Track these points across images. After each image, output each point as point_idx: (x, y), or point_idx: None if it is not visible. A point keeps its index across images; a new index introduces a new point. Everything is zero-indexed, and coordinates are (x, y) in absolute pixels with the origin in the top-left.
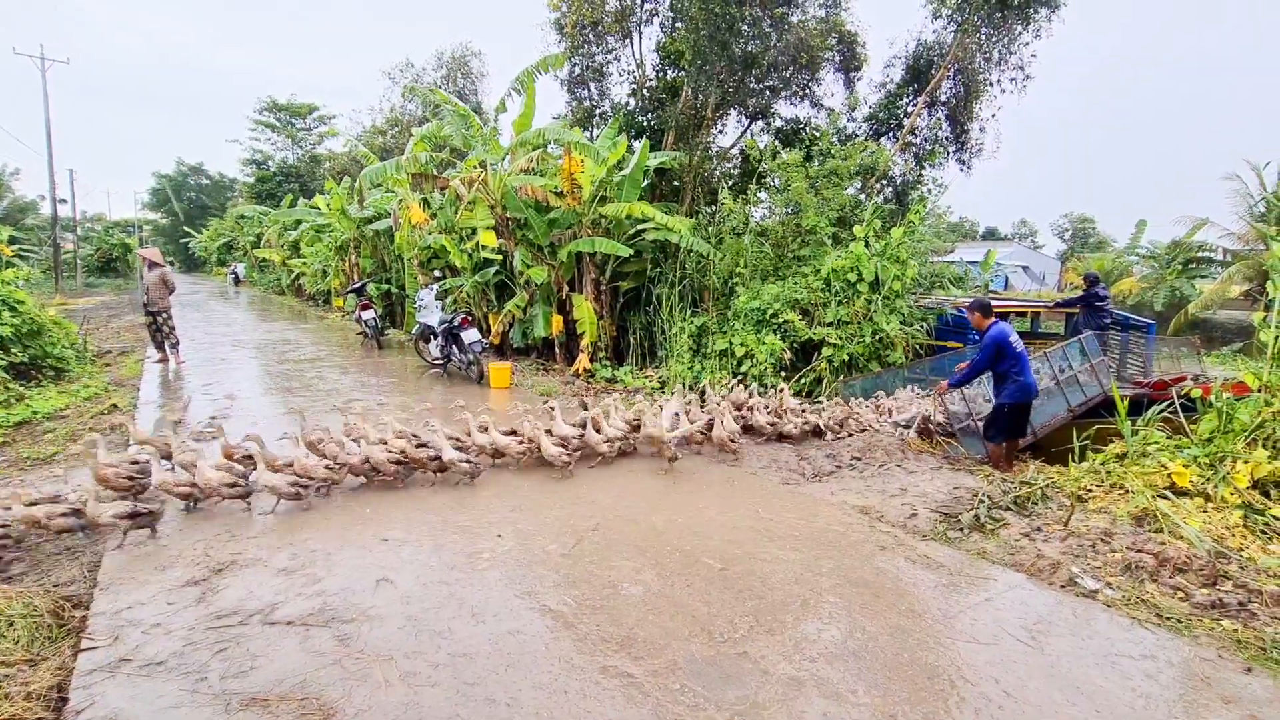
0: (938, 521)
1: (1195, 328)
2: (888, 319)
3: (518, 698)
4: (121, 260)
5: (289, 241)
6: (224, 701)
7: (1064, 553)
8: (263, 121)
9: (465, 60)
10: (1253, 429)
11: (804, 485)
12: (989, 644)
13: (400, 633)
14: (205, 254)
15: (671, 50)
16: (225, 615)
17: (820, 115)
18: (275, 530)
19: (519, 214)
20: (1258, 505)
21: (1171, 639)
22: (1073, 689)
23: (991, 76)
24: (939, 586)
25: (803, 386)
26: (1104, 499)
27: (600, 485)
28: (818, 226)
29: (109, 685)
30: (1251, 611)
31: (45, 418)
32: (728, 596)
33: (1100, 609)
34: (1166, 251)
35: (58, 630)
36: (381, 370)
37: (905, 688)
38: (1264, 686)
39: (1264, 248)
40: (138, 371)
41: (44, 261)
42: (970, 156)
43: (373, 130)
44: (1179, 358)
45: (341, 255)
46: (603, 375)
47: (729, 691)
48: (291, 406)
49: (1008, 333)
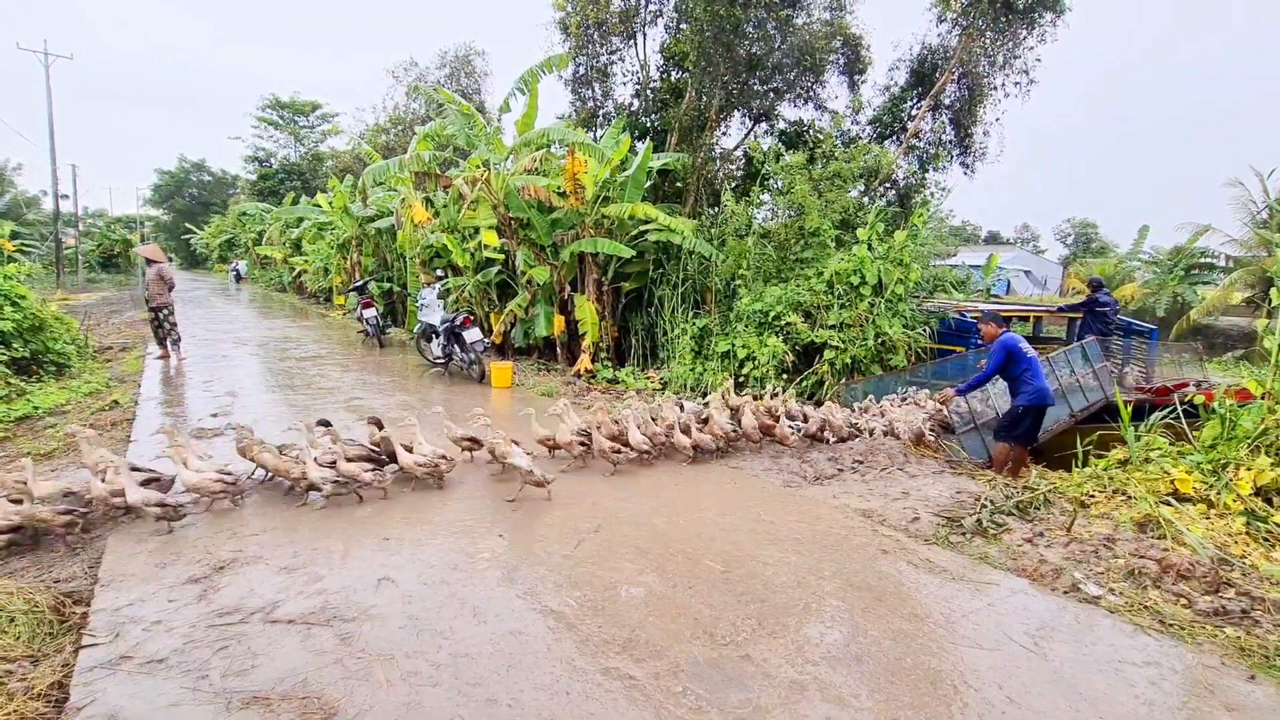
0: (940, 525)
1: (1197, 334)
2: (890, 322)
3: (519, 698)
4: (123, 256)
5: (291, 239)
6: (225, 700)
7: (1066, 558)
8: (265, 119)
9: (469, 59)
10: (1256, 436)
11: (806, 488)
12: (992, 649)
13: (401, 632)
14: (207, 251)
15: (676, 51)
16: (226, 613)
17: (824, 118)
18: (276, 528)
19: (522, 214)
20: (1261, 512)
21: (1174, 646)
22: (1076, 695)
23: (995, 80)
24: (941, 591)
25: (805, 389)
26: (1107, 505)
27: (601, 487)
28: (820, 229)
29: (110, 682)
30: (1255, 619)
31: (46, 413)
32: (730, 599)
33: (1103, 615)
34: (1169, 257)
35: (59, 627)
36: (383, 369)
37: (908, 692)
38: (1267, 694)
39: (1266, 254)
40: (139, 367)
41: (45, 257)
42: (974, 160)
43: (376, 129)
44: (1181, 363)
45: (343, 253)
46: (604, 376)
47: (731, 694)
48: (293, 404)
49: (1017, 339)
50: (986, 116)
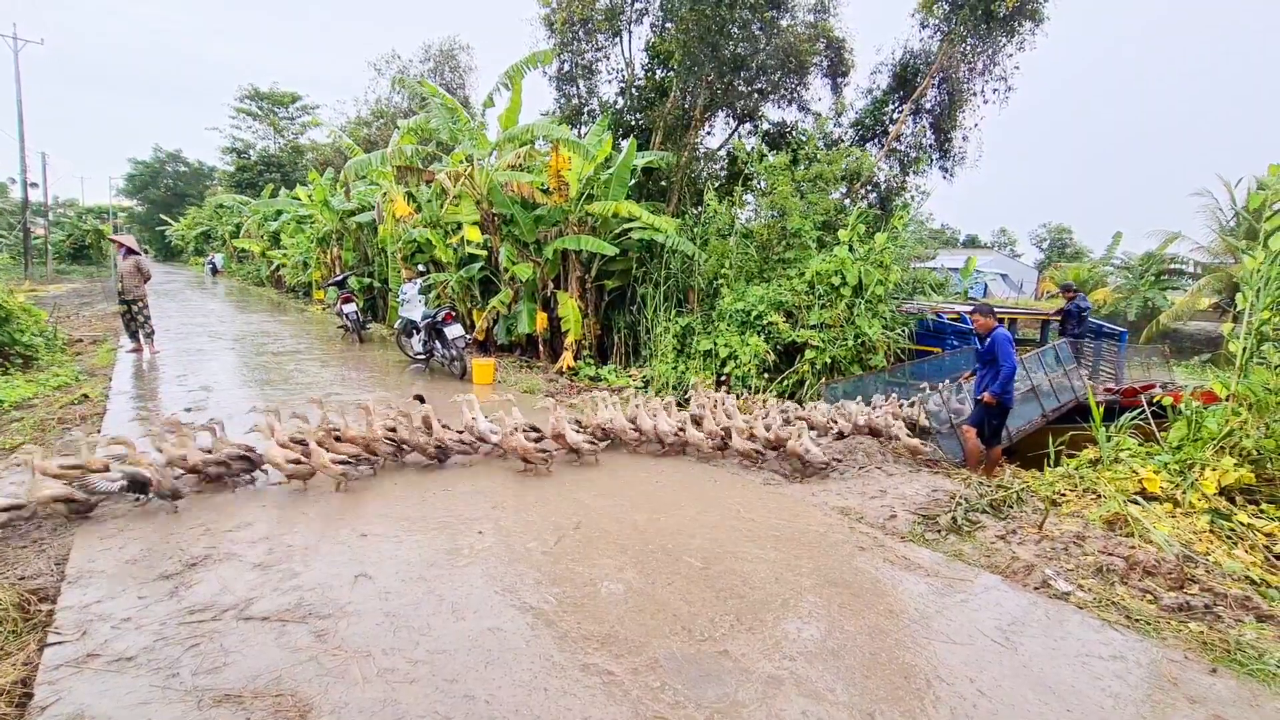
0: (916, 523)
1: (1166, 338)
2: (870, 323)
3: (497, 695)
4: (95, 247)
5: (269, 232)
6: (196, 698)
7: (1038, 555)
8: (244, 109)
9: (453, 54)
10: (1220, 437)
11: (785, 486)
12: (965, 644)
13: (378, 629)
14: (182, 243)
15: (661, 50)
16: (198, 610)
17: (807, 119)
18: (251, 524)
19: (505, 210)
20: (1224, 511)
21: (1140, 640)
22: (1045, 688)
23: (975, 86)
24: (917, 587)
25: (785, 388)
26: (1077, 503)
27: (582, 483)
28: (802, 230)
29: (76, 681)
30: (1217, 614)
31: (12, 406)
32: (709, 595)
33: (1072, 610)
34: (1140, 263)
35: (23, 625)
36: (363, 364)
37: (883, 686)
38: (1228, 687)
39: (1233, 260)
40: (110, 361)
41: (14, 247)
42: (953, 164)
43: (357, 121)
44: (1149, 366)
45: (323, 247)
46: (586, 373)
47: (709, 689)
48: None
49: (1010, 334)
50: (966, 121)
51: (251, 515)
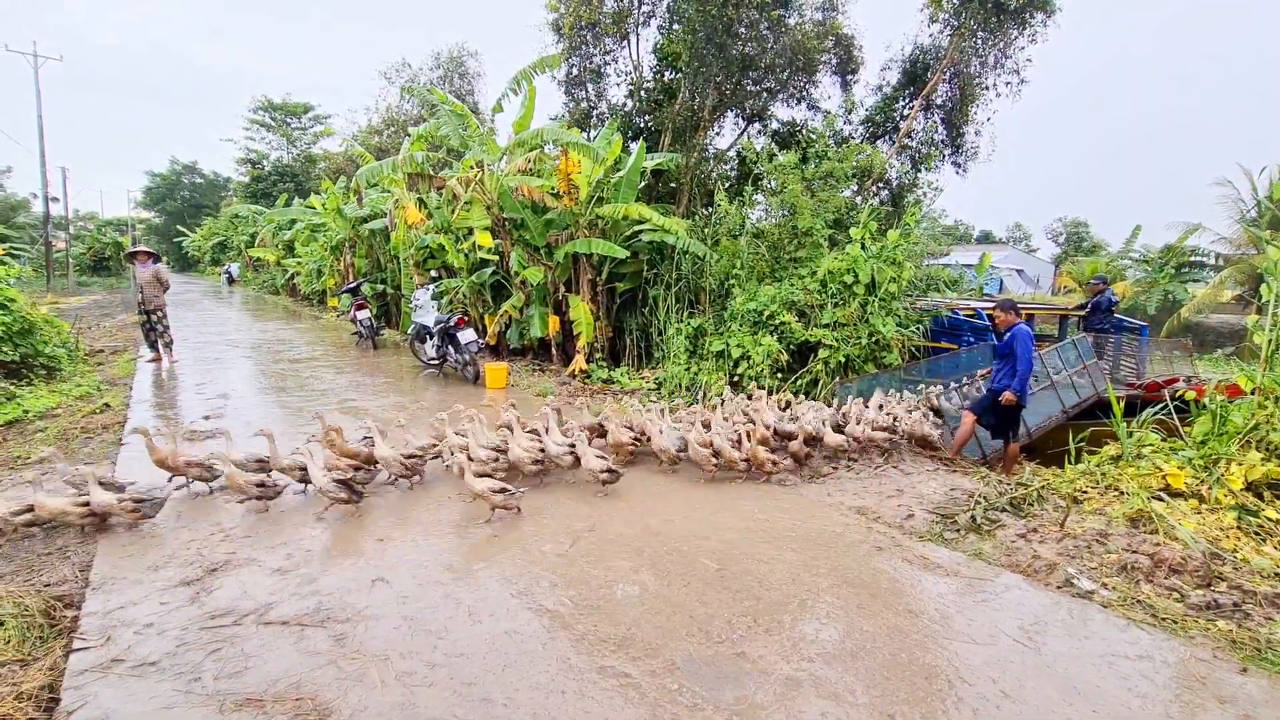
0: (934, 522)
1: (1188, 331)
2: (884, 321)
3: (514, 698)
4: (114, 259)
5: (283, 241)
6: (218, 702)
7: (1060, 554)
8: (257, 120)
9: (461, 61)
10: (1246, 431)
11: (800, 486)
12: (986, 644)
13: (396, 633)
14: (199, 253)
15: (669, 52)
16: (219, 615)
17: (817, 117)
18: (269, 530)
19: (515, 214)
20: (1252, 507)
21: (1167, 639)
22: (1070, 689)
23: (987, 80)
24: (936, 587)
25: (799, 388)
26: (1099, 500)
27: (594, 487)
28: (814, 228)
29: (101, 686)
30: (1246, 612)
31: (36, 417)
32: (725, 597)
33: (1096, 609)
34: (1160, 256)
35: (49, 630)
36: (377, 370)
37: (903, 688)
38: (1259, 687)
39: (1256, 252)
40: (130, 370)
41: (36, 260)
42: (965, 160)
43: (368, 130)
44: (1171, 360)
45: (336, 255)
46: (599, 376)
47: (727, 691)
48: (286, 406)
49: (1031, 330)
50: (978, 116)
51: (269, 522)
